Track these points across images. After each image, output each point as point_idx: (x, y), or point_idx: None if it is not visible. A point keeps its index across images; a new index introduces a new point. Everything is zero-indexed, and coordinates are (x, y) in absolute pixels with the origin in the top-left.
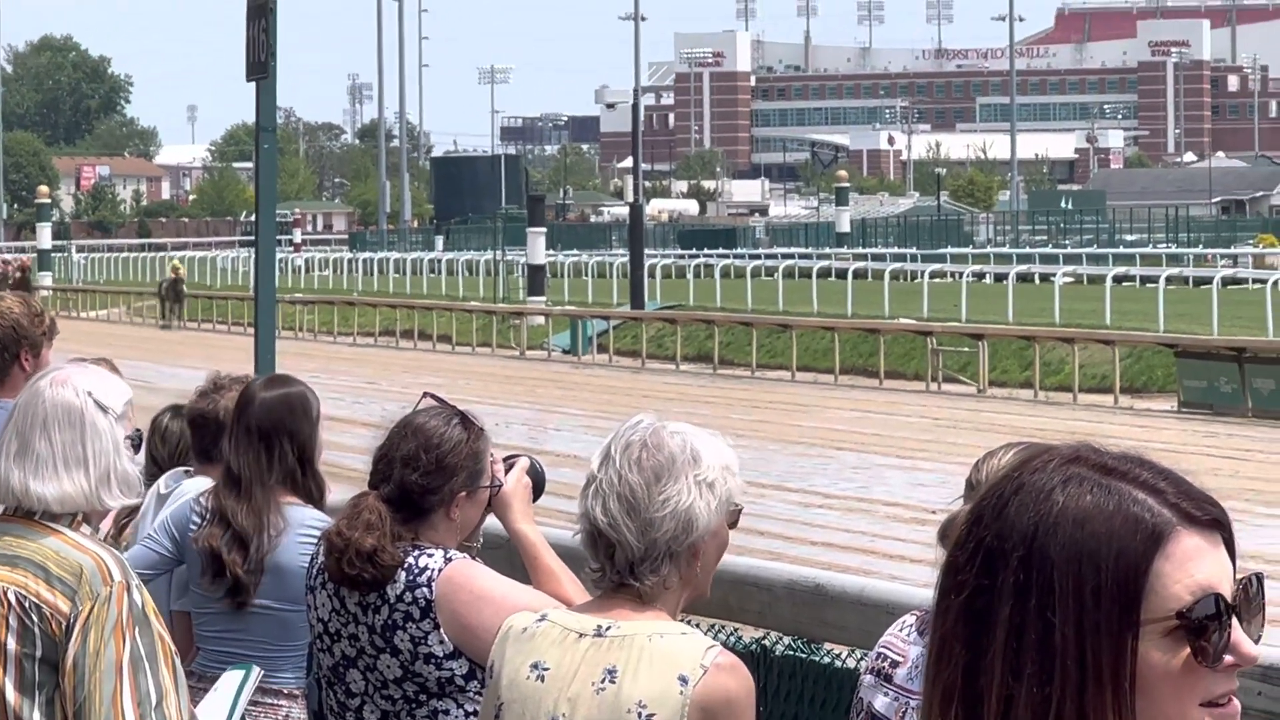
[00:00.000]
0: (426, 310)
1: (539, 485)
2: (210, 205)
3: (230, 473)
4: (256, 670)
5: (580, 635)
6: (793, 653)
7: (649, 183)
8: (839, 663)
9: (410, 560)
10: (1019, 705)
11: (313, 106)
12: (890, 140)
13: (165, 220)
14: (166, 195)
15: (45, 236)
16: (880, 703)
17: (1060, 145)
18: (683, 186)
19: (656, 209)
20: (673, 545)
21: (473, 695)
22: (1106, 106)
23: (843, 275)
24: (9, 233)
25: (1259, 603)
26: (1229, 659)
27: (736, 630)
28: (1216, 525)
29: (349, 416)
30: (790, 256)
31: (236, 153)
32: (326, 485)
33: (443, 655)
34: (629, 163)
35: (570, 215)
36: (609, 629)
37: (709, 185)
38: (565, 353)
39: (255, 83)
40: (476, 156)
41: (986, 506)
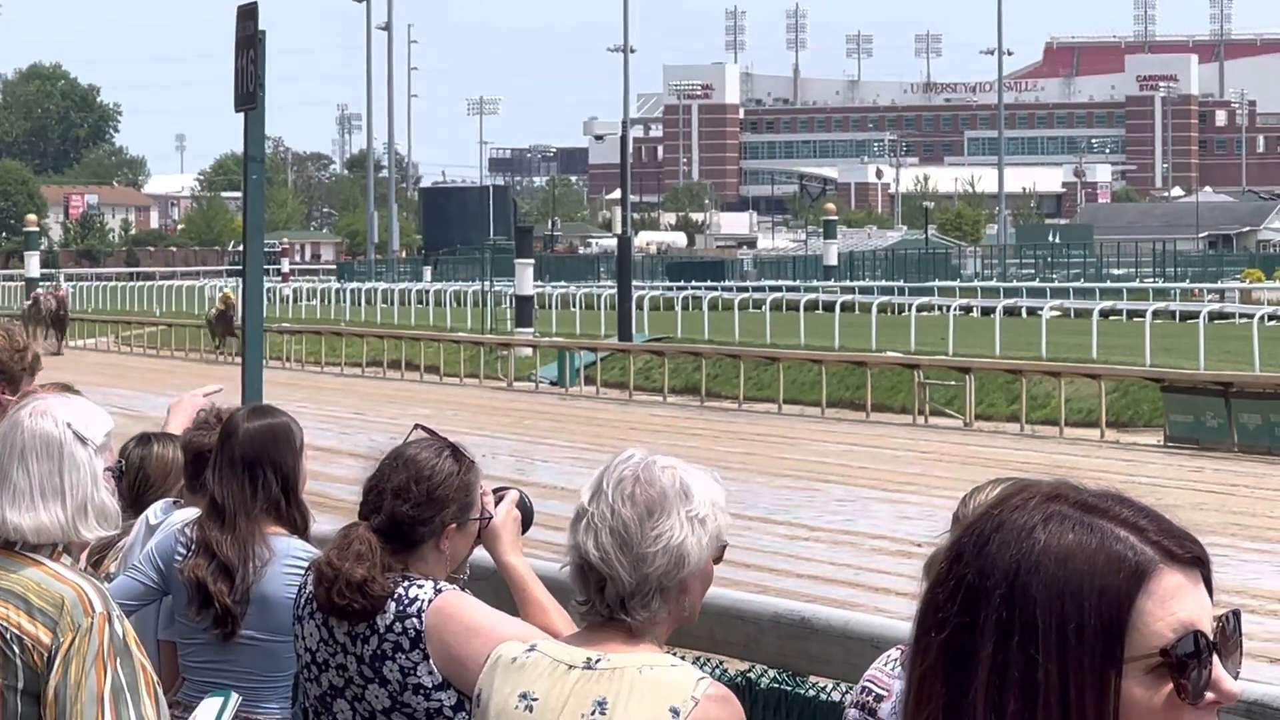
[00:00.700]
0: (414, 341)
1: (528, 518)
2: (198, 235)
3: (214, 503)
4: (235, 697)
5: (570, 667)
6: (778, 686)
7: (637, 215)
8: (824, 696)
9: (400, 591)
10: None
11: (301, 136)
12: (878, 173)
13: (153, 249)
14: (155, 224)
15: (33, 265)
16: None
17: (1048, 179)
18: (671, 218)
19: (644, 241)
20: (664, 580)
21: None
22: (1094, 140)
23: (830, 308)
24: None
25: (1236, 640)
26: (1210, 696)
27: (722, 663)
28: (1197, 563)
29: (335, 447)
30: (778, 289)
31: (225, 182)
32: (311, 515)
33: (432, 686)
34: (617, 194)
35: (558, 247)
36: (599, 661)
37: (697, 217)
38: (552, 384)
39: (244, 113)
40: (465, 187)
41: (967, 544)
